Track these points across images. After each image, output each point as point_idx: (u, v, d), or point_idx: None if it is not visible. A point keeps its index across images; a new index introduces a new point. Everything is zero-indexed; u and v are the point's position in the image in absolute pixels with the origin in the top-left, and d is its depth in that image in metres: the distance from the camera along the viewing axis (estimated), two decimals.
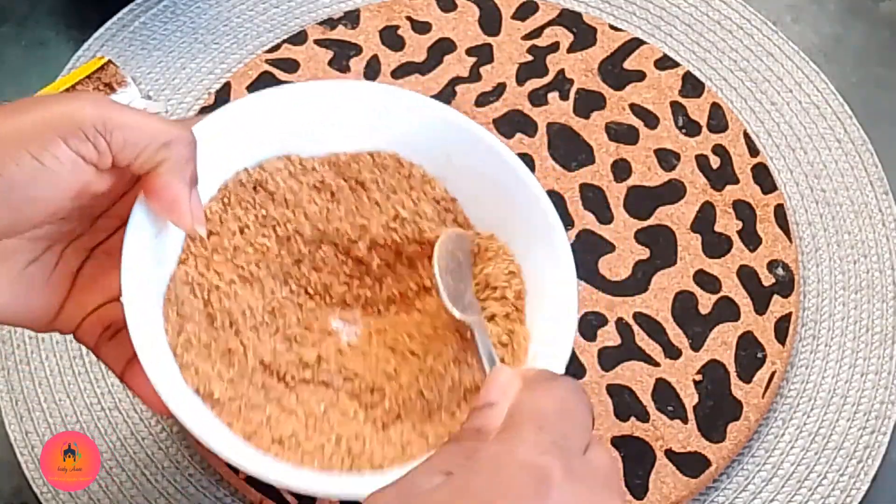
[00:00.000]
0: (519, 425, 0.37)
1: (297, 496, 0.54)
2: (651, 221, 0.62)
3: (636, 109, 0.65)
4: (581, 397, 0.38)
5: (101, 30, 0.68)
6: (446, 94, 0.65)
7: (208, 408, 0.46)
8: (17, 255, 0.45)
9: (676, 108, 0.65)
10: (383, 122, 0.53)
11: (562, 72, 0.66)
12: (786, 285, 0.60)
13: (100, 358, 0.48)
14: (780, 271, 0.61)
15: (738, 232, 0.62)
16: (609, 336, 0.58)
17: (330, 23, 0.67)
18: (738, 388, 0.57)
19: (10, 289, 0.45)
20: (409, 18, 0.68)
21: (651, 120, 0.65)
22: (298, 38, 0.67)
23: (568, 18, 0.68)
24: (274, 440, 0.47)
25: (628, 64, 0.67)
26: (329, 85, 0.56)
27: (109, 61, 0.64)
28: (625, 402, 0.57)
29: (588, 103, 0.65)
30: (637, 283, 0.60)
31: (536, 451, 0.35)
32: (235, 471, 0.54)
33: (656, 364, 0.58)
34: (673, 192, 0.63)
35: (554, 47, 0.67)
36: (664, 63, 0.67)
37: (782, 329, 0.59)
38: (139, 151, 0.43)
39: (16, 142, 0.42)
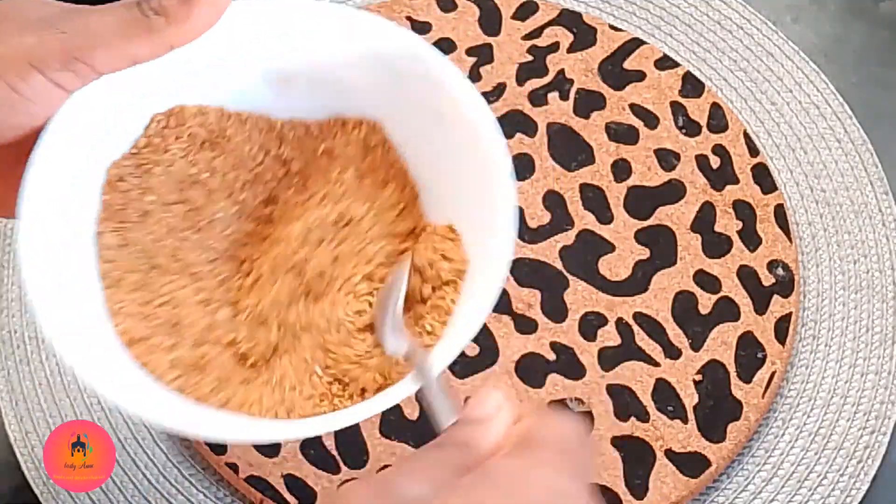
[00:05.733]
0: (538, 446, 0.34)
1: (297, 495, 0.54)
2: (651, 221, 0.62)
3: (636, 109, 0.65)
4: (589, 435, 0.37)
5: None
6: None
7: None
8: None
9: (676, 108, 0.65)
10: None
11: (562, 72, 0.66)
12: (786, 285, 0.60)
13: None
14: (780, 271, 0.61)
15: (738, 232, 0.62)
16: (609, 336, 0.58)
17: None
18: (738, 388, 0.57)
19: None
20: (409, 18, 0.68)
21: (651, 120, 0.65)
22: None
23: (568, 18, 0.68)
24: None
25: (628, 64, 0.67)
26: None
27: None
28: (625, 402, 0.57)
29: (588, 103, 0.65)
30: (637, 283, 0.60)
31: (562, 474, 0.33)
32: (235, 471, 0.54)
33: (656, 364, 0.58)
34: (673, 192, 0.63)
35: (554, 47, 0.67)
36: (664, 63, 0.67)
37: (782, 329, 0.59)
38: (122, 64, 0.42)
39: None
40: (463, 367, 0.57)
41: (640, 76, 0.66)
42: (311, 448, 0.55)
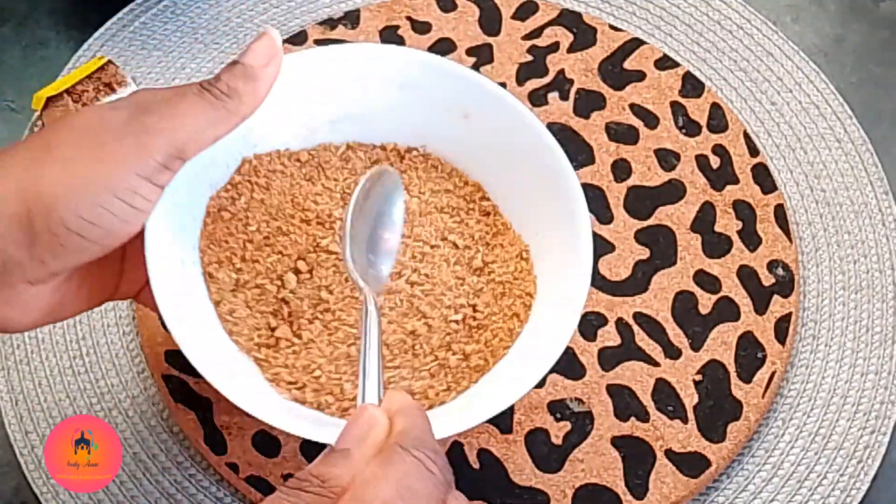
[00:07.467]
0: None
1: None
2: (651, 221, 0.62)
3: (636, 109, 0.65)
4: (429, 475, 0.37)
5: (101, 30, 0.68)
6: None
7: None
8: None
9: (676, 108, 0.65)
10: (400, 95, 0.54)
11: (562, 72, 0.66)
12: (786, 285, 0.60)
13: (139, 302, 0.50)
14: (780, 271, 0.61)
15: (738, 232, 0.62)
16: (609, 336, 0.58)
17: (330, 23, 0.67)
18: (738, 388, 0.57)
19: (78, 294, 0.47)
20: (409, 18, 0.68)
21: (651, 120, 0.65)
22: (298, 38, 0.67)
23: (568, 18, 0.68)
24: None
25: (628, 64, 0.67)
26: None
27: (109, 61, 0.64)
28: (625, 402, 0.57)
29: (588, 103, 0.65)
30: (637, 283, 0.60)
31: None
32: (235, 471, 0.54)
33: (656, 364, 0.58)
34: (673, 192, 0.63)
35: (554, 47, 0.67)
36: (664, 63, 0.67)
37: (782, 329, 0.59)
38: (206, 147, 0.45)
39: (105, 189, 0.42)
40: None
41: (640, 76, 0.66)
42: (312, 448, 0.55)
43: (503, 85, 0.66)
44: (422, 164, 0.55)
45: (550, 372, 0.57)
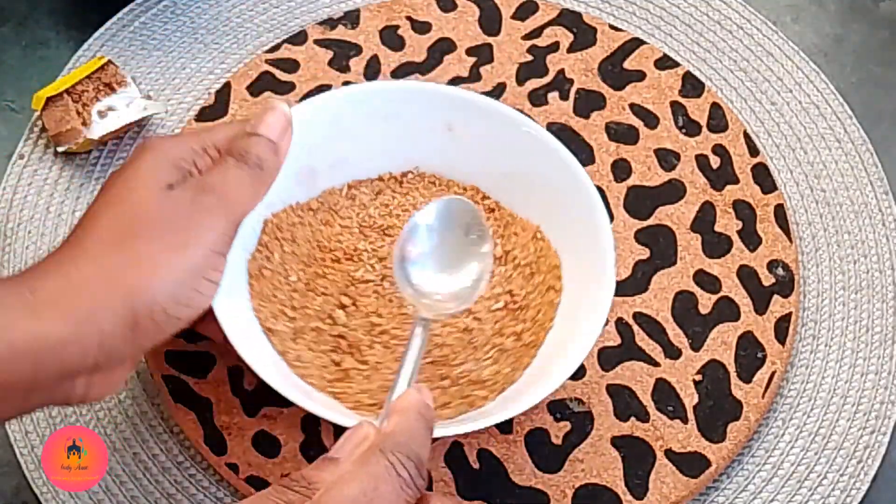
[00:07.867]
0: None
1: None
2: (651, 221, 0.62)
3: (636, 109, 0.65)
4: (397, 479, 0.40)
5: (101, 30, 0.68)
6: None
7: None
8: None
9: (676, 108, 0.65)
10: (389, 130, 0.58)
11: (562, 72, 0.66)
12: (786, 285, 0.60)
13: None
14: (780, 271, 0.61)
15: (738, 232, 0.62)
16: (609, 336, 0.58)
17: (330, 23, 0.68)
18: (738, 388, 0.57)
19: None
20: (409, 18, 0.68)
21: (651, 120, 0.65)
22: (298, 38, 0.67)
23: (568, 18, 0.68)
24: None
25: (628, 64, 0.67)
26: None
27: (109, 61, 0.64)
28: (625, 402, 0.57)
29: (588, 103, 0.65)
30: (637, 283, 0.60)
31: None
32: (235, 471, 0.54)
33: (656, 364, 0.58)
34: (673, 192, 0.63)
35: (554, 47, 0.67)
36: (664, 63, 0.67)
37: (782, 329, 0.59)
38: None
39: (194, 272, 0.46)
40: None
41: (640, 76, 0.66)
42: (311, 448, 0.55)
43: (503, 85, 0.66)
44: (420, 183, 0.58)
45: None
